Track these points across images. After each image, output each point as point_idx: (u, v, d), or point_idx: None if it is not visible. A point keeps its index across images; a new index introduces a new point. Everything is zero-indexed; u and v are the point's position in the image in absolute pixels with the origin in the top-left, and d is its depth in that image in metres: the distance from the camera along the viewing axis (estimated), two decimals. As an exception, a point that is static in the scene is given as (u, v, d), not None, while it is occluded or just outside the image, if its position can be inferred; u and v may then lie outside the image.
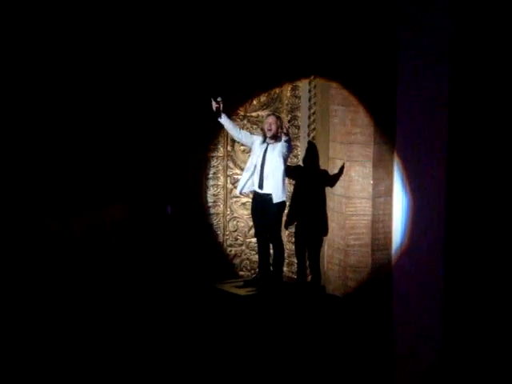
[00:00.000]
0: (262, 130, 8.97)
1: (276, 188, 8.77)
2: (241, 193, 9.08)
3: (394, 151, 9.14)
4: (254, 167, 8.85)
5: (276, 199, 8.76)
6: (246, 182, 8.88)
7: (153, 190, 9.26)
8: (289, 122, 9.45)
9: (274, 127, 8.79)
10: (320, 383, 8.82)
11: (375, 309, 9.09)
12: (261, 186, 8.83)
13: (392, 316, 9.13)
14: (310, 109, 9.50)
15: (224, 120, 8.83)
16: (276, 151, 8.77)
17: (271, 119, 8.84)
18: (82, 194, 8.94)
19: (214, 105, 8.75)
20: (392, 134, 9.12)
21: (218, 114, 8.79)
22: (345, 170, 9.12)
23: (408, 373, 9.17)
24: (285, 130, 8.62)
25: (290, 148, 8.87)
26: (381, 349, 9.03)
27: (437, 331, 9.23)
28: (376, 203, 9.10)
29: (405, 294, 9.16)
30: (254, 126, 9.42)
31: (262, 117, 9.29)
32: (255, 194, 8.90)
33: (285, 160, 8.80)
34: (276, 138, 8.81)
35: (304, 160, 9.46)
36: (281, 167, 8.75)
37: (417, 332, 9.20)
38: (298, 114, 9.55)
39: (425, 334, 9.22)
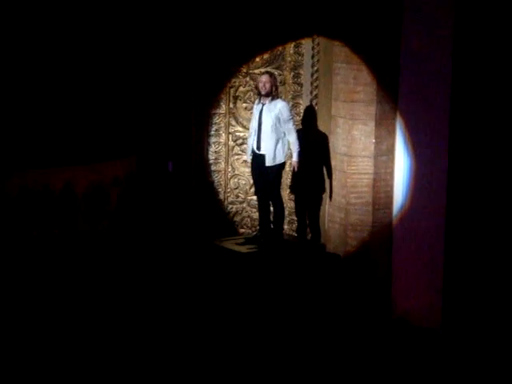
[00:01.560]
0: (257, 88, 8.94)
1: (270, 150, 8.77)
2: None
3: (396, 110, 9.10)
4: (254, 131, 8.87)
5: (268, 162, 8.77)
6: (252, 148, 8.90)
7: (154, 147, 9.24)
8: (292, 79, 9.46)
9: (268, 86, 8.78)
10: (317, 339, 8.85)
11: (375, 267, 9.11)
12: (258, 147, 8.83)
13: (391, 274, 9.15)
14: (312, 66, 9.45)
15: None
16: (272, 114, 8.75)
17: (265, 78, 8.83)
18: (82, 150, 8.93)
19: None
20: (395, 93, 9.07)
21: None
22: (347, 128, 9.09)
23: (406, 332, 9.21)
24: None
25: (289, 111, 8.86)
26: (379, 307, 9.06)
27: (437, 291, 9.24)
28: (378, 162, 9.08)
29: (405, 253, 9.16)
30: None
31: (265, 74, 9.25)
32: (254, 153, 8.89)
33: (288, 122, 8.78)
34: (271, 97, 8.78)
35: (304, 119, 9.43)
36: (276, 130, 8.74)
37: (416, 293, 9.22)
38: (301, 72, 9.51)
39: (424, 295, 9.24)
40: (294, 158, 8.86)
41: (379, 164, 9.11)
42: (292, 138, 8.81)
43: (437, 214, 9.05)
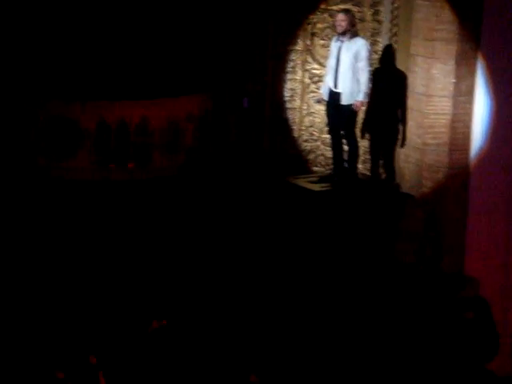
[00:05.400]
0: (334, 26, 8.80)
1: (346, 88, 8.64)
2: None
3: (478, 49, 8.87)
4: (331, 69, 8.76)
5: (345, 100, 8.66)
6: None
7: (230, 83, 9.22)
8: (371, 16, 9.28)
9: (343, 24, 8.60)
10: (385, 280, 8.84)
11: (450, 209, 9.01)
12: (335, 85, 8.72)
13: (466, 216, 9.04)
14: (393, 3, 9.24)
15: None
16: (351, 52, 8.60)
17: (340, 16, 8.66)
18: (159, 85, 8.96)
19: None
20: (477, 32, 8.83)
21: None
22: (426, 67, 8.90)
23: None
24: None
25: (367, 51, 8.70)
26: (450, 248, 8.98)
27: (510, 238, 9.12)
28: (457, 102, 8.89)
29: (481, 197, 9.02)
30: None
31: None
32: (330, 91, 8.78)
33: (364, 61, 8.64)
34: (349, 34, 8.62)
35: (383, 57, 9.26)
36: (354, 68, 8.60)
37: (491, 235, 9.11)
38: (381, 9, 9.30)
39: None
40: (360, 98, 8.69)
41: (458, 105, 8.92)
42: (363, 78, 8.64)
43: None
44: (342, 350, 8.31)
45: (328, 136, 9.26)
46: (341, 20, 8.64)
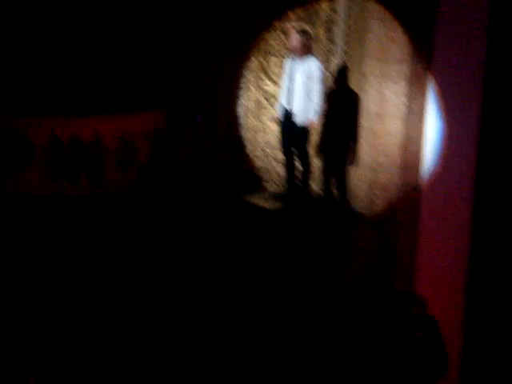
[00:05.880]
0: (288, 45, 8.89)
1: (300, 107, 8.71)
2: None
3: (429, 70, 8.96)
4: (285, 88, 8.82)
5: (298, 120, 8.73)
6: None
7: (184, 99, 9.23)
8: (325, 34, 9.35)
9: (296, 44, 8.69)
10: (335, 300, 8.85)
11: (401, 228, 9.06)
12: (289, 103, 8.76)
13: (417, 235, 9.10)
14: (346, 23, 9.31)
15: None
16: (304, 71, 8.67)
17: (293, 36, 8.75)
18: (112, 100, 8.96)
19: None
20: (429, 52, 8.91)
21: None
22: (378, 87, 8.97)
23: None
24: None
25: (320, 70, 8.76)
26: (400, 268, 9.03)
27: (462, 255, 9.16)
28: (408, 122, 8.96)
29: (432, 214, 9.09)
30: (289, 38, 9.30)
31: (299, 29, 9.14)
32: (284, 110, 8.83)
33: (317, 80, 8.68)
34: (303, 54, 8.68)
35: (335, 77, 9.32)
36: (307, 87, 8.65)
37: (441, 255, 9.16)
38: (334, 28, 9.38)
39: (450, 258, 9.17)
40: (312, 117, 8.76)
41: (409, 124, 8.98)
42: (316, 98, 8.72)
43: (465, 178, 8.93)
44: (289, 369, 8.33)
45: (281, 154, 9.31)
46: (293, 40, 8.71)
